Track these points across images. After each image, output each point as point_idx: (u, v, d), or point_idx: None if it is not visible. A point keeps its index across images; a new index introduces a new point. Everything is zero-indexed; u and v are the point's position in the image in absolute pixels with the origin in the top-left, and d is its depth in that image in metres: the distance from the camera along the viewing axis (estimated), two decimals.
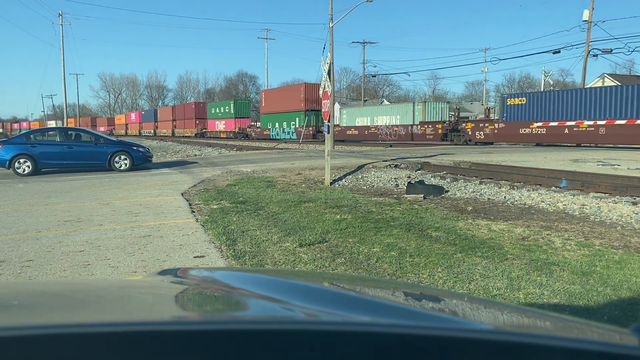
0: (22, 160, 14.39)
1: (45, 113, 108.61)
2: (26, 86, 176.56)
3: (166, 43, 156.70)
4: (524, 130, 24.47)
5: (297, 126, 38.46)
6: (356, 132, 35.91)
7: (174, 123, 61.62)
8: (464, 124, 28.21)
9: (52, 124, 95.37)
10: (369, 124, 35.11)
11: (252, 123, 49.04)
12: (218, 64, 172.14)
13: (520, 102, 25.12)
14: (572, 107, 23.06)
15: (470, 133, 27.18)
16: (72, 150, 14.88)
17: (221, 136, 49.80)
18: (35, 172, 14.41)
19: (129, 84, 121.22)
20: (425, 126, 30.20)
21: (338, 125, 37.47)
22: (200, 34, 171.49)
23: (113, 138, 18.02)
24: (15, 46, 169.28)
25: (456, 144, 27.02)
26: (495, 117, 28.33)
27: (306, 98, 38.22)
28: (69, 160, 14.92)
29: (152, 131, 68.72)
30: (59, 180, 12.77)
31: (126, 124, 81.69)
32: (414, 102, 35.56)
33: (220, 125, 51.00)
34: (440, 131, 28.91)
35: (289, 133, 40.17)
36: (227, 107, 50.45)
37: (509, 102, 25.99)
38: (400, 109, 34.18)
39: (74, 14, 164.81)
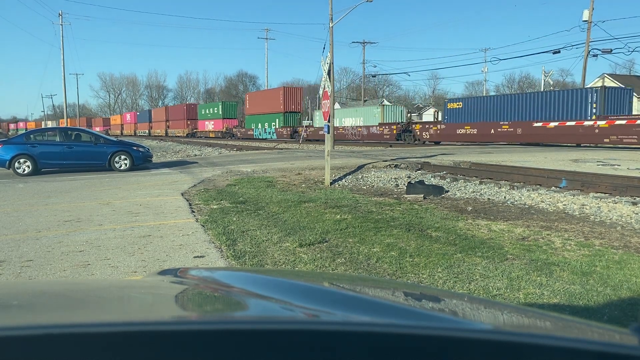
0: (22, 160, 14.39)
1: (45, 113, 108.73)
2: (26, 86, 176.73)
3: (166, 43, 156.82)
4: (460, 131, 27.74)
5: (277, 127, 41.84)
6: (337, 131, 38.11)
7: (167, 123, 64.18)
8: (413, 126, 31.33)
9: (48, 124, 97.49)
10: (337, 125, 37.23)
11: (238, 124, 51.44)
12: (218, 64, 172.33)
13: (457, 107, 28.95)
14: (496, 111, 27.12)
15: (418, 133, 30.39)
16: (72, 150, 14.88)
17: (210, 135, 52.33)
18: (35, 172, 14.41)
19: (129, 84, 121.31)
20: (383, 127, 33.02)
21: (312, 126, 40.05)
22: (200, 34, 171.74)
23: (113, 138, 18.02)
24: (15, 46, 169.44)
25: (408, 143, 29.93)
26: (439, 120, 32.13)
27: (285, 101, 41.73)
28: (69, 160, 14.92)
29: (147, 131, 70.78)
30: (59, 180, 12.77)
31: (122, 124, 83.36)
32: (375, 106, 38.93)
33: (209, 126, 53.79)
34: (395, 132, 31.87)
35: (269, 133, 43.04)
36: (215, 109, 53.25)
37: (449, 106, 30.03)
38: (363, 112, 37.30)
39: (74, 14, 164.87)
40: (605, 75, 43.49)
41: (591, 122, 21.74)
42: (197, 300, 1.09)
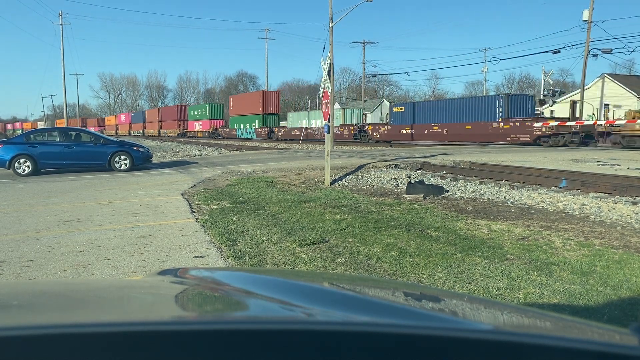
0: (22, 161, 14.38)
1: (45, 113, 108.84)
2: (26, 86, 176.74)
3: (166, 43, 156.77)
4: (402, 131, 32.43)
5: (257, 127, 46.23)
6: (297, 132, 41.50)
7: (160, 124, 67.36)
8: (367, 127, 35.37)
9: (42, 124, 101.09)
10: (306, 126, 41.52)
11: (224, 124, 55.19)
12: (218, 64, 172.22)
13: (400, 110, 33.27)
14: (429, 115, 31.74)
15: (370, 133, 34.31)
16: (72, 150, 14.87)
17: (198, 135, 55.90)
18: (35, 172, 14.41)
19: (129, 84, 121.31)
20: (344, 128, 37.72)
21: (286, 127, 44.44)
22: (200, 34, 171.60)
23: (113, 138, 18.02)
24: (16, 46, 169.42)
25: (362, 142, 33.41)
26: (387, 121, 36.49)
27: (264, 103, 46.12)
28: (69, 160, 14.92)
29: (141, 131, 73.37)
30: (59, 180, 12.77)
31: (116, 125, 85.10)
32: (338, 109, 43.69)
33: (197, 126, 57.69)
34: (352, 132, 35.94)
35: (250, 132, 47.33)
36: (203, 110, 57.30)
37: (394, 110, 34.42)
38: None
39: (74, 14, 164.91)
40: (605, 75, 43.45)
41: (497, 124, 26.57)
42: (197, 300, 1.09)
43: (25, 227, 6.59)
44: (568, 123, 23.66)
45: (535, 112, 28.12)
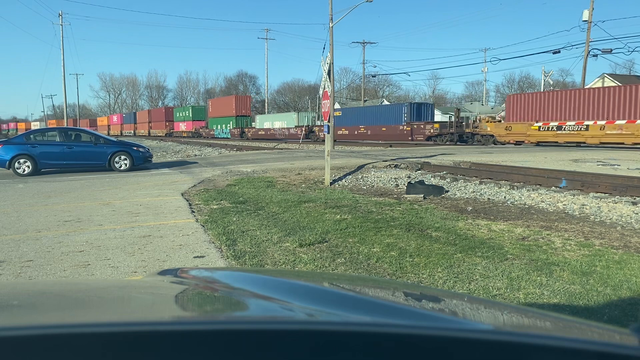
0: (22, 161, 14.38)
1: (45, 113, 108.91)
2: (26, 86, 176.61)
3: (166, 43, 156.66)
4: (339, 132, 37.92)
5: (231, 128, 51.24)
6: (263, 132, 47.20)
7: (150, 125, 70.97)
8: (315, 128, 40.57)
9: (36, 125, 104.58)
10: (269, 127, 47.09)
11: (205, 125, 58.81)
12: (218, 64, 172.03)
13: (338, 114, 38.67)
14: (358, 118, 37.84)
15: (317, 134, 39.05)
16: (72, 150, 14.87)
17: (183, 135, 59.95)
18: (35, 172, 14.41)
19: (129, 84, 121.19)
20: (298, 129, 41.89)
21: (254, 127, 49.71)
22: (200, 34, 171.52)
23: (113, 138, 18.02)
24: (15, 46, 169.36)
25: (311, 141, 37.83)
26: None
27: (236, 106, 51.28)
28: (69, 160, 14.92)
29: (132, 132, 76.90)
30: (59, 181, 12.77)
31: (108, 125, 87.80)
32: (293, 112, 49.20)
33: (182, 127, 61.98)
34: (305, 132, 40.37)
35: (226, 132, 52.08)
36: (187, 112, 61.93)
37: (335, 114, 38.29)
38: (285, 117, 47.36)
39: (74, 14, 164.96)
40: (605, 75, 43.48)
41: (402, 126, 33.60)
42: (197, 300, 1.09)
43: (25, 227, 6.59)
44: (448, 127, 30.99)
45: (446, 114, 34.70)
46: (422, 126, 32.01)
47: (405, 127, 33.24)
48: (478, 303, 1.15)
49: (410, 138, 32.31)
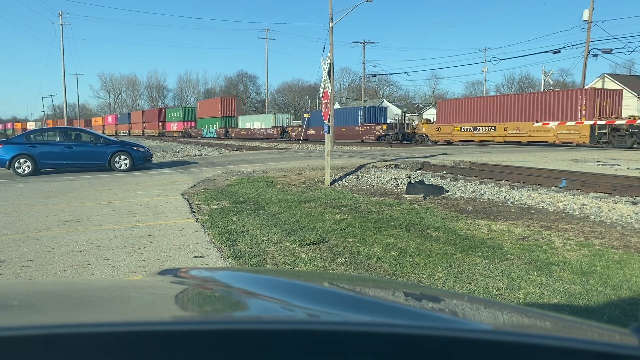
0: (22, 160, 14.38)
1: (45, 113, 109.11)
2: (26, 86, 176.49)
3: (166, 43, 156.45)
4: (309, 132, 41.15)
5: (217, 128, 54.28)
6: (245, 132, 51.12)
7: (144, 125, 73.92)
8: (288, 128, 45.14)
9: (32, 125, 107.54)
10: (250, 127, 51.39)
11: (194, 125, 62.06)
12: (218, 64, 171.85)
13: (308, 116, 42.32)
14: (336, 119, 39.49)
15: (289, 134, 43.87)
16: (72, 150, 14.88)
17: (174, 135, 62.80)
18: (35, 172, 14.41)
19: (129, 84, 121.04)
20: (274, 129, 46.30)
21: (237, 128, 53.41)
22: (200, 34, 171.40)
23: (113, 138, 18.02)
24: (15, 46, 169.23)
25: (287, 140, 42.11)
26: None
27: (222, 108, 54.87)
28: (69, 160, 14.92)
29: (127, 131, 79.47)
30: (59, 180, 12.77)
31: (103, 125, 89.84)
32: (270, 114, 54.72)
33: (174, 127, 65.09)
34: (279, 132, 44.99)
35: (212, 132, 55.24)
36: (178, 113, 65.42)
37: (305, 115, 43.59)
38: (264, 118, 51.83)
39: (74, 14, 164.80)
40: (605, 75, 43.45)
41: (358, 127, 37.53)
42: (197, 300, 1.09)
43: (25, 227, 6.59)
44: (393, 127, 34.56)
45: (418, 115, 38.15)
46: (373, 127, 35.91)
47: (360, 127, 37.42)
48: (478, 303, 1.15)
49: (364, 138, 36.32)
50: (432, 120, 34.31)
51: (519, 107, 27.15)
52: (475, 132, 28.99)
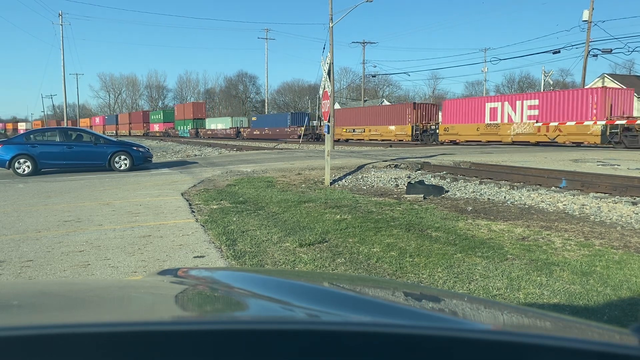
0: (22, 160, 14.38)
1: (45, 113, 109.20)
2: (26, 86, 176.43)
3: (166, 43, 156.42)
4: (255, 132, 51.58)
5: (190, 128, 63.49)
6: (210, 132, 59.90)
7: (130, 126, 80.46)
8: (241, 129, 55.00)
9: (24, 125, 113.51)
10: (214, 128, 60.44)
11: (173, 126, 69.88)
12: (218, 64, 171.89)
13: (254, 119, 53.41)
14: (265, 122, 51.71)
15: (241, 133, 53.88)
16: (72, 150, 14.87)
17: (156, 135, 70.69)
18: (35, 172, 14.41)
19: (129, 84, 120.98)
20: (231, 129, 56.21)
21: (205, 128, 62.04)
22: (200, 34, 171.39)
23: (113, 138, 18.03)
24: (15, 46, 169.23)
25: (238, 139, 50.89)
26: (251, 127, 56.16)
27: (194, 111, 64.72)
28: (69, 160, 14.92)
29: (114, 132, 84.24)
30: (59, 181, 12.77)
31: (90, 126, 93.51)
32: (228, 117, 64.26)
33: (156, 127, 73.01)
34: (234, 132, 54.69)
35: (185, 132, 64.43)
36: (159, 115, 73.72)
37: (252, 119, 54.94)
38: (223, 120, 61.21)
39: (74, 14, 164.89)
40: (605, 75, 43.45)
41: (287, 129, 46.32)
42: (197, 300, 1.09)
43: (25, 227, 6.59)
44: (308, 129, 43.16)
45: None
46: (295, 129, 44.55)
47: (288, 129, 46.35)
48: (478, 303, 1.15)
49: (290, 137, 44.65)
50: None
51: (383, 114, 35.11)
52: (355, 133, 39.07)
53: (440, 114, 32.68)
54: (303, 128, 42.94)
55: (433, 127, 31.98)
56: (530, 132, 25.86)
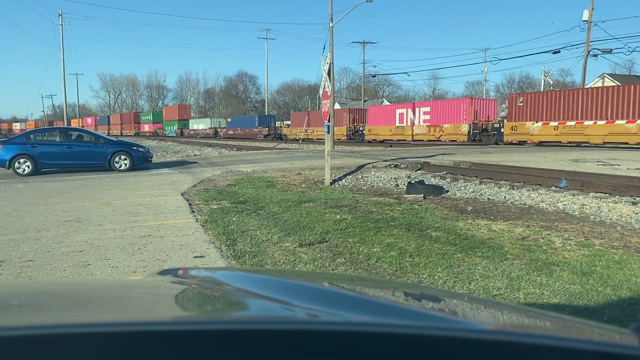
0: (22, 160, 14.38)
1: (45, 113, 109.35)
2: (26, 86, 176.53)
3: (166, 43, 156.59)
4: (230, 132, 56.47)
5: (175, 129, 68.64)
6: (193, 132, 64.99)
7: (122, 126, 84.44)
8: (218, 129, 60.10)
9: (17, 125, 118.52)
10: (196, 128, 65.84)
11: (161, 127, 74.61)
12: (218, 64, 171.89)
13: (229, 120, 60.00)
14: (238, 123, 56.92)
15: (219, 133, 58.98)
16: (72, 150, 14.87)
17: (147, 134, 74.99)
18: (35, 172, 14.41)
19: (129, 84, 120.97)
20: (210, 130, 61.60)
21: (188, 129, 67.06)
22: (200, 34, 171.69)
23: (113, 138, 18.03)
24: (15, 46, 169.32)
25: (217, 138, 55.18)
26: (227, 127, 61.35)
27: (179, 113, 70.31)
28: (69, 160, 14.92)
29: (107, 132, 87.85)
30: (59, 180, 12.77)
31: (82, 126, 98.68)
32: (208, 118, 71.26)
33: (146, 128, 77.87)
34: (212, 132, 60.11)
35: (172, 132, 69.18)
36: (149, 116, 78.99)
37: (227, 120, 61.58)
38: (203, 121, 67.51)
39: (74, 14, 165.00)
40: (605, 75, 43.48)
41: (255, 129, 51.31)
42: (197, 300, 1.09)
43: (25, 227, 6.59)
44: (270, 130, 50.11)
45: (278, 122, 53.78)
46: (262, 129, 50.63)
47: (255, 129, 51.60)
48: (478, 303, 1.15)
49: (258, 136, 50.28)
50: (289, 125, 49.57)
51: (342, 116, 39.57)
52: (310, 133, 43.75)
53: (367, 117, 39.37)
54: (267, 129, 50.29)
55: (361, 128, 38.77)
56: (424, 133, 32.35)
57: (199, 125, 67.11)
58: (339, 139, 38.79)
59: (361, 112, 41.03)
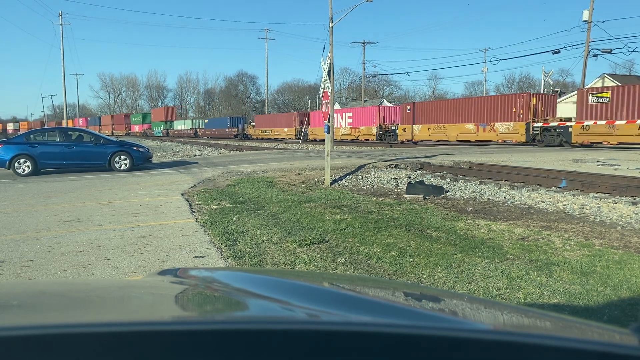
0: (22, 161, 14.38)
1: (45, 113, 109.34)
2: (26, 86, 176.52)
3: (166, 43, 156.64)
4: (207, 132, 61.77)
5: (163, 129, 73.72)
6: (177, 132, 70.16)
7: (113, 127, 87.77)
8: (198, 130, 65.26)
9: (11, 125, 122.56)
10: (180, 129, 71.07)
11: (150, 127, 79.51)
12: (218, 64, 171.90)
13: (206, 122, 64.95)
14: (215, 124, 61.80)
15: (198, 133, 64.50)
16: (72, 150, 14.87)
17: (136, 134, 79.70)
18: (35, 172, 14.41)
19: (129, 84, 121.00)
20: (191, 130, 66.94)
21: (173, 129, 72.38)
22: (200, 34, 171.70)
23: (113, 138, 18.03)
24: (15, 46, 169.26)
25: (196, 138, 61.40)
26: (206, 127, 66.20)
27: (165, 115, 75.17)
28: (69, 160, 14.92)
29: (97, 132, 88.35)
30: (59, 181, 12.77)
31: (75, 127, 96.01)
32: (190, 119, 75.56)
33: (136, 128, 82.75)
34: (192, 132, 65.62)
35: (159, 132, 74.38)
36: (139, 117, 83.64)
37: (204, 121, 66.54)
38: (185, 122, 71.57)
39: (73, 14, 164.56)
40: (605, 75, 43.43)
41: (227, 129, 56.63)
42: (197, 300, 1.09)
43: (25, 227, 6.59)
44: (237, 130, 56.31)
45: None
46: (232, 130, 56.52)
47: (227, 129, 57.37)
48: (478, 303, 1.15)
49: (230, 136, 55.74)
50: (253, 126, 55.32)
51: (290, 120, 47.25)
52: (267, 134, 50.11)
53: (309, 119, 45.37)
54: (236, 129, 56.52)
55: (305, 130, 43.38)
56: (348, 134, 39.90)
57: (182, 126, 72.94)
58: (290, 138, 45.42)
59: (307, 114, 47.19)
